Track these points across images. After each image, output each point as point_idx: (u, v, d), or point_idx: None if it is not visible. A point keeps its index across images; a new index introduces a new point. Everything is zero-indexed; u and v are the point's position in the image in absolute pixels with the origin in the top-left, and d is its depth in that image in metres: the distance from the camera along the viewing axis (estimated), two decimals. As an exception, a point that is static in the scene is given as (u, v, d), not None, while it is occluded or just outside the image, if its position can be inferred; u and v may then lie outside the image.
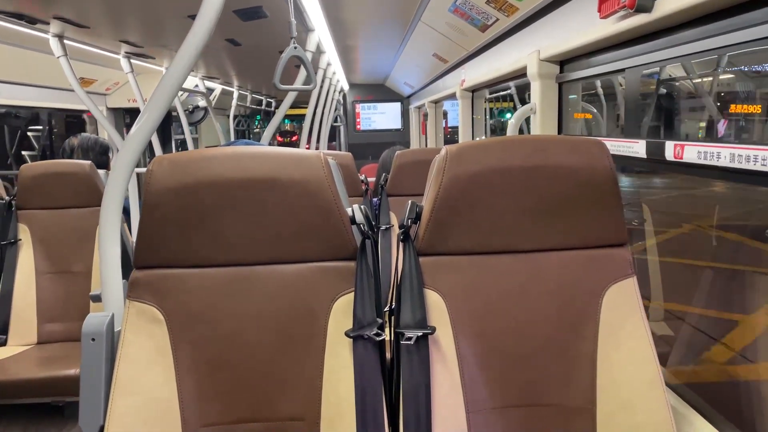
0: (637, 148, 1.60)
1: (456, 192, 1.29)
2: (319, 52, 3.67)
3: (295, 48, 2.21)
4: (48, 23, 2.83)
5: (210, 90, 6.43)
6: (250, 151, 1.30)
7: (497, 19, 2.56)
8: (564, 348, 1.30)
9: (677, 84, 2.34)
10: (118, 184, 1.36)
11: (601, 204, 1.31)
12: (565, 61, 2.19)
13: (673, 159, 1.42)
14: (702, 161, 1.31)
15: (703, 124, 2.36)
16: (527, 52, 2.34)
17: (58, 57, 3.18)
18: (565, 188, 1.29)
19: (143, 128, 1.35)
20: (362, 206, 1.35)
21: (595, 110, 2.99)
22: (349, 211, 1.32)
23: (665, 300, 2.16)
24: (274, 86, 2.18)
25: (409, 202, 1.37)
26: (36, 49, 3.52)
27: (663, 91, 2.22)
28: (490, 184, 1.29)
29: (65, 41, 3.18)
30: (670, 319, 2.12)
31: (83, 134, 3.33)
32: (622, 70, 1.74)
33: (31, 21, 2.74)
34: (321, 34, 3.25)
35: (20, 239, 2.79)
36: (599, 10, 1.61)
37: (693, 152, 1.34)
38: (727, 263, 1.97)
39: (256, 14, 2.74)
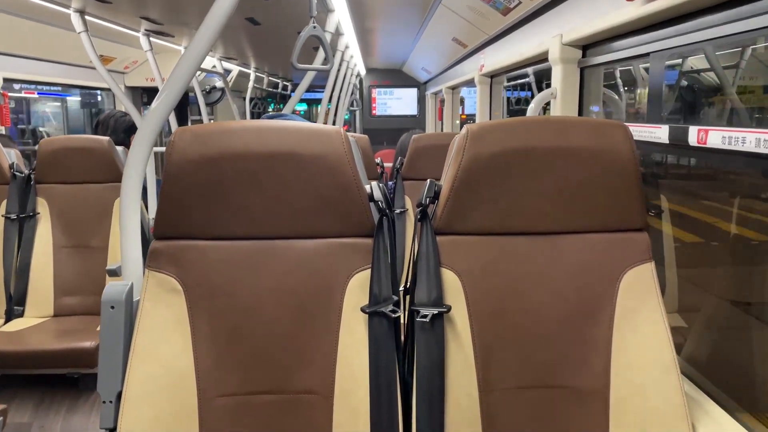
0: (660, 133, 1.58)
1: (476, 171, 1.28)
2: (338, 33, 3.66)
3: (314, 27, 2.19)
4: None
5: (227, 71, 6.43)
6: (271, 124, 1.30)
7: (520, 2, 2.53)
8: (579, 331, 1.30)
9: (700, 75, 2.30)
10: (139, 157, 1.37)
11: (621, 187, 1.30)
12: (588, 46, 2.16)
13: (696, 144, 1.41)
14: (726, 146, 1.29)
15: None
16: (549, 36, 2.31)
17: (79, 33, 3.20)
18: (586, 171, 1.28)
19: (163, 104, 1.35)
20: (380, 184, 1.35)
21: (617, 97, 2.95)
22: (367, 188, 1.31)
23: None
24: (292, 65, 2.17)
25: (428, 180, 1.37)
26: (57, 25, 3.54)
27: (684, 82, 2.19)
28: (511, 165, 1.28)
29: (86, 17, 3.19)
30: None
31: (109, 111, 3.35)
32: (647, 54, 1.72)
33: None
34: (341, 15, 3.23)
35: (39, 213, 2.82)
36: (626, -8, 1.59)
37: (717, 137, 1.33)
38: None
39: (278, -9, 2.73)
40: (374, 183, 1.34)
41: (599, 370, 1.29)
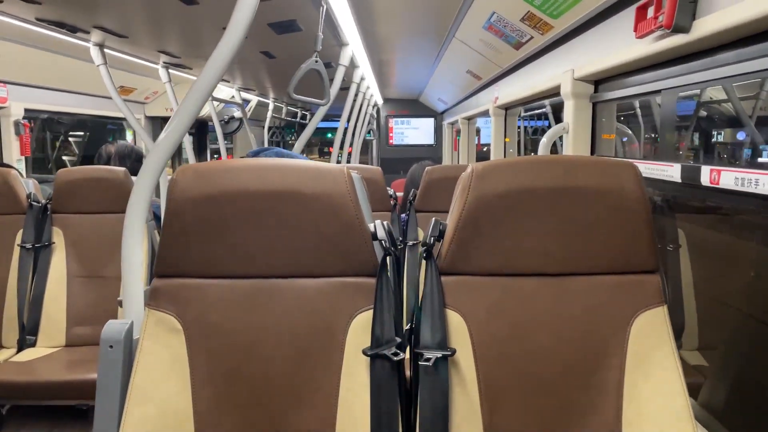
0: (672, 171, 1.55)
1: (481, 211, 1.26)
2: (352, 66, 3.69)
3: (316, 62, 2.22)
4: (89, 32, 2.90)
5: (246, 101, 6.51)
6: (273, 163, 1.30)
7: (531, 37, 2.53)
8: (589, 376, 1.26)
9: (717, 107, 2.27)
10: (144, 190, 1.35)
11: (631, 228, 1.26)
12: (600, 81, 2.14)
13: (709, 184, 1.38)
14: (739, 188, 1.26)
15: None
16: (561, 70, 2.30)
17: (97, 65, 3.26)
18: (594, 211, 1.26)
19: (171, 135, 1.34)
20: (384, 222, 1.33)
21: (631, 132, 2.93)
22: (371, 226, 1.30)
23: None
24: (287, 94, 2.20)
25: (433, 219, 1.35)
26: (79, 57, 3.61)
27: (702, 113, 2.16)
28: (517, 205, 1.26)
29: (105, 50, 3.26)
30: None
31: (120, 141, 3.40)
32: (658, 91, 1.70)
33: (72, 30, 2.81)
34: (355, 48, 3.26)
35: (54, 242, 2.84)
36: (635, 30, 1.58)
37: (730, 178, 1.29)
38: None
39: (291, 27, 2.76)
40: (378, 221, 1.32)
41: (609, 417, 1.24)
